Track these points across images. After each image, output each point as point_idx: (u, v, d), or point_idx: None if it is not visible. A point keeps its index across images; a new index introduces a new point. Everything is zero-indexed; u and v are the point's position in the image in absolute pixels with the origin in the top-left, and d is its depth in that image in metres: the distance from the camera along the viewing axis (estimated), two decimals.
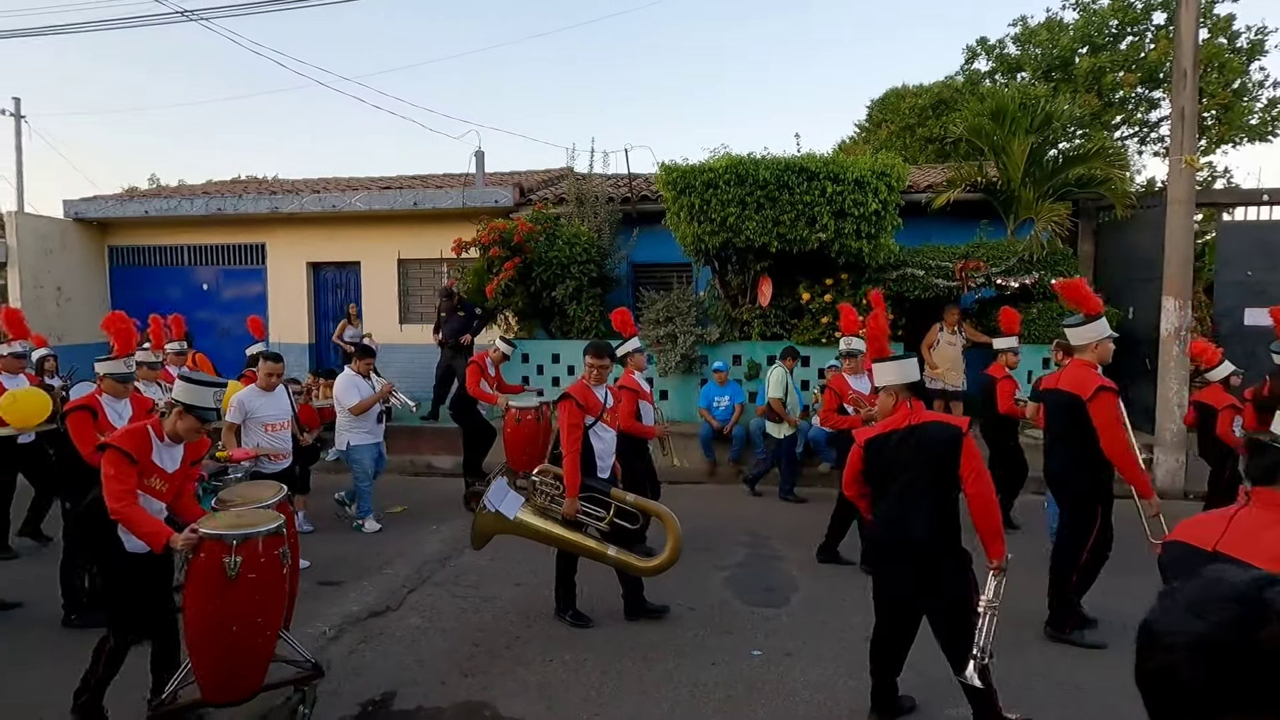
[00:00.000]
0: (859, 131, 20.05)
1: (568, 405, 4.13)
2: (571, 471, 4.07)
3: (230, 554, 2.86)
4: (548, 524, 4.12)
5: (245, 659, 3.00)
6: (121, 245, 12.17)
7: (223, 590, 2.86)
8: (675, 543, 4.03)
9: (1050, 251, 8.29)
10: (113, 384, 4.31)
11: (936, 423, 3.05)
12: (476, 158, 11.20)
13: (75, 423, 4.10)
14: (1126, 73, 15.63)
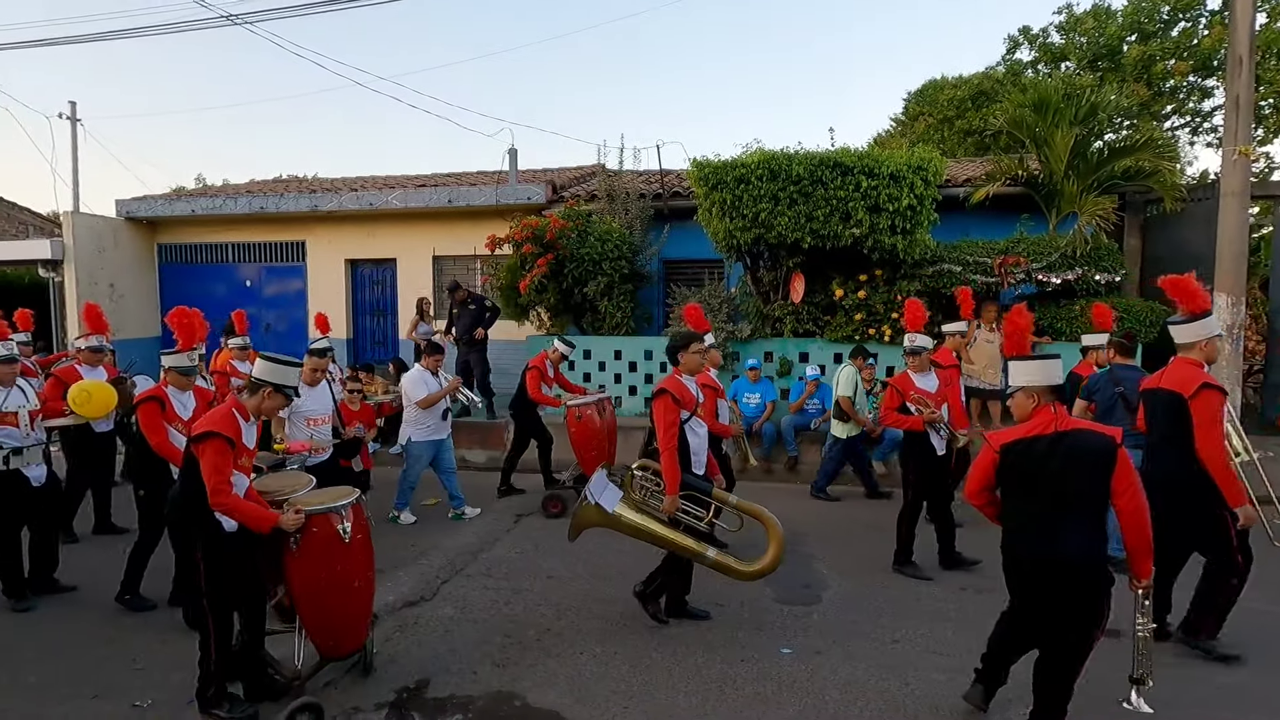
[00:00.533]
0: (895, 125, 19.72)
1: (664, 401, 3.95)
2: (671, 468, 3.92)
3: (342, 521, 3.30)
4: (645, 520, 4.02)
5: (358, 612, 3.44)
6: (170, 243, 12.59)
7: (342, 554, 3.29)
8: (778, 547, 3.92)
9: (1095, 246, 8.05)
10: (177, 376, 4.46)
11: (1088, 431, 2.87)
12: (510, 155, 11.32)
13: (145, 413, 4.27)
14: (1178, 61, 15.07)
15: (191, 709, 3.37)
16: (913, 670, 3.70)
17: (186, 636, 4.08)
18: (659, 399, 3.97)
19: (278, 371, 3.38)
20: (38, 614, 4.41)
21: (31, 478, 4.47)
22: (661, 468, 3.97)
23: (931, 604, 4.55)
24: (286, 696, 3.36)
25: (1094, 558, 2.82)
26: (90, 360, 5.73)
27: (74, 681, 3.64)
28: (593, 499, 4.02)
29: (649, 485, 4.11)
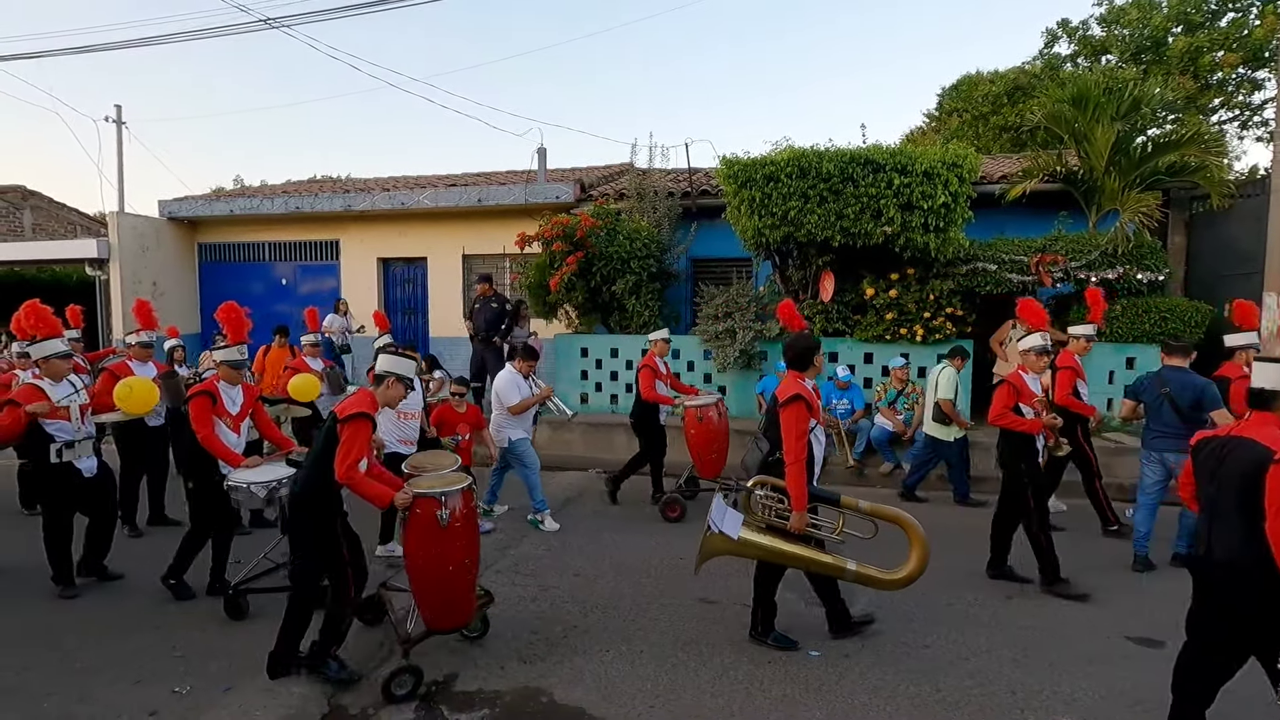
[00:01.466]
0: (928, 121, 19.40)
1: (798, 409, 3.67)
2: (800, 482, 3.66)
3: (441, 507, 3.42)
4: (775, 541, 3.76)
5: (458, 592, 3.57)
6: (210, 242, 12.93)
7: (439, 537, 3.43)
8: (922, 551, 3.71)
9: (1137, 244, 7.83)
10: (228, 370, 4.57)
11: (1249, 441, 2.73)
12: (539, 154, 11.40)
13: (196, 406, 4.39)
14: (1227, 52, 14.56)
15: (226, 696, 3.46)
16: (944, 676, 3.63)
17: (224, 626, 4.19)
18: (792, 406, 3.68)
19: (399, 364, 3.71)
20: (85, 600, 4.55)
21: (83, 469, 4.59)
22: (788, 481, 3.69)
23: (963, 609, 4.46)
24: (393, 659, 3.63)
25: (1239, 568, 2.67)
26: (141, 355, 5.95)
27: (117, 665, 3.75)
28: (715, 528, 3.74)
29: (770, 503, 3.81)
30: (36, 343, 4.69)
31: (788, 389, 3.76)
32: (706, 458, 6.20)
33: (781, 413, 3.72)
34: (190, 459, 4.50)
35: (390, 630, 4.14)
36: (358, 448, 3.38)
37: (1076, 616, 4.35)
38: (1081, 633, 4.13)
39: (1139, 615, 4.34)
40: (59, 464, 4.51)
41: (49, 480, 4.54)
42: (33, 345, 4.72)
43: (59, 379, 4.62)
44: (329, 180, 16.28)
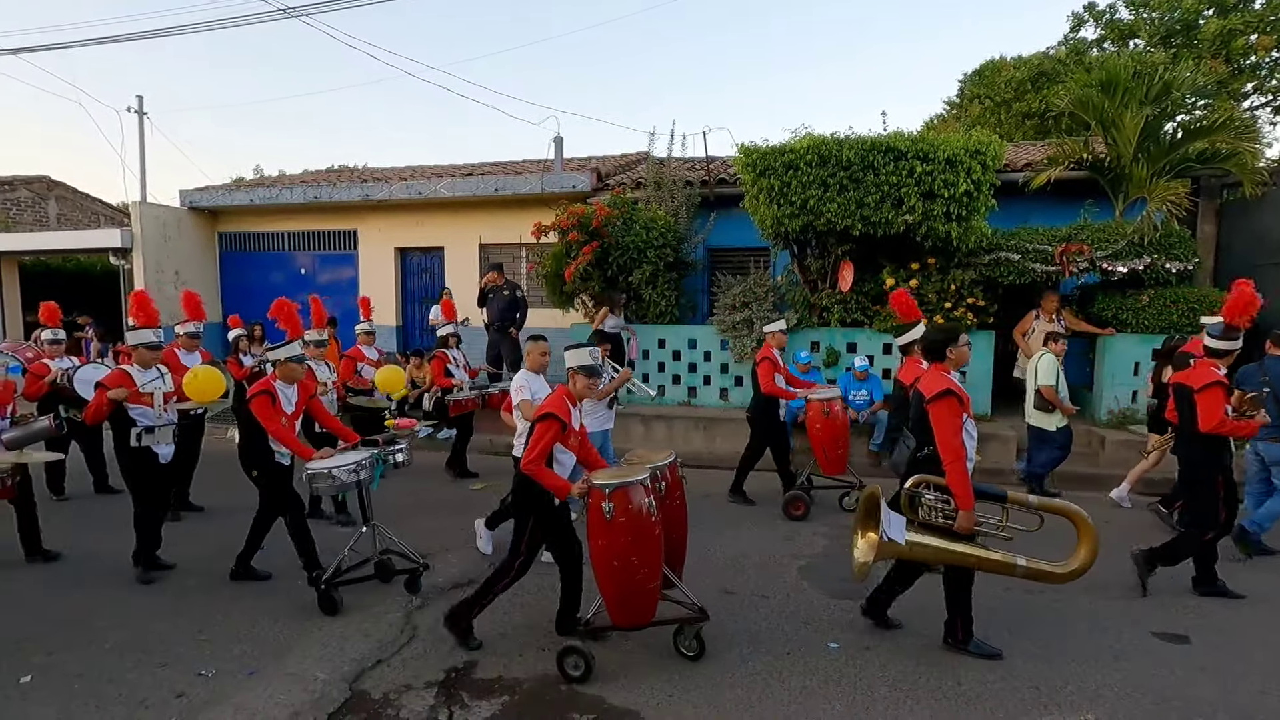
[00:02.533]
0: (949, 108, 19.09)
1: (949, 404, 3.53)
2: (964, 480, 3.49)
3: (606, 499, 3.36)
4: (944, 542, 3.57)
5: (630, 591, 3.45)
6: (230, 231, 13.05)
7: (605, 530, 3.38)
8: (1092, 542, 3.58)
9: (1165, 233, 7.66)
10: (289, 368, 4.56)
11: None
12: (555, 143, 11.35)
13: (259, 406, 4.39)
14: (1261, 35, 14.14)
15: (250, 680, 3.52)
16: (965, 670, 3.60)
17: (248, 611, 4.25)
18: (942, 402, 3.52)
19: (581, 355, 3.78)
20: (113, 585, 4.63)
21: (160, 455, 4.76)
22: (950, 480, 3.52)
23: (984, 603, 4.39)
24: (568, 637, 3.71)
25: None
26: (188, 345, 6.05)
27: (144, 648, 3.82)
28: (886, 536, 3.51)
29: (934, 503, 3.62)
30: (134, 330, 4.92)
31: (935, 383, 3.60)
32: (833, 454, 5.94)
33: (931, 409, 3.56)
34: (249, 449, 4.52)
35: (411, 613, 4.19)
36: (543, 443, 3.53)
37: (1101, 611, 4.29)
38: (1106, 628, 4.07)
39: (1164, 611, 4.27)
40: (137, 448, 4.66)
41: (129, 463, 4.69)
42: (129, 333, 4.96)
43: (147, 366, 4.80)
44: (347, 170, 16.33)
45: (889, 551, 3.57)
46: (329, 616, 4.18)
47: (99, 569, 4.88)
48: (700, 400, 8.78)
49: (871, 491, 3.63)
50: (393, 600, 4.40)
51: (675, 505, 3.87)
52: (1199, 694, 3.39)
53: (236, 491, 5.32)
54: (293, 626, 4.07)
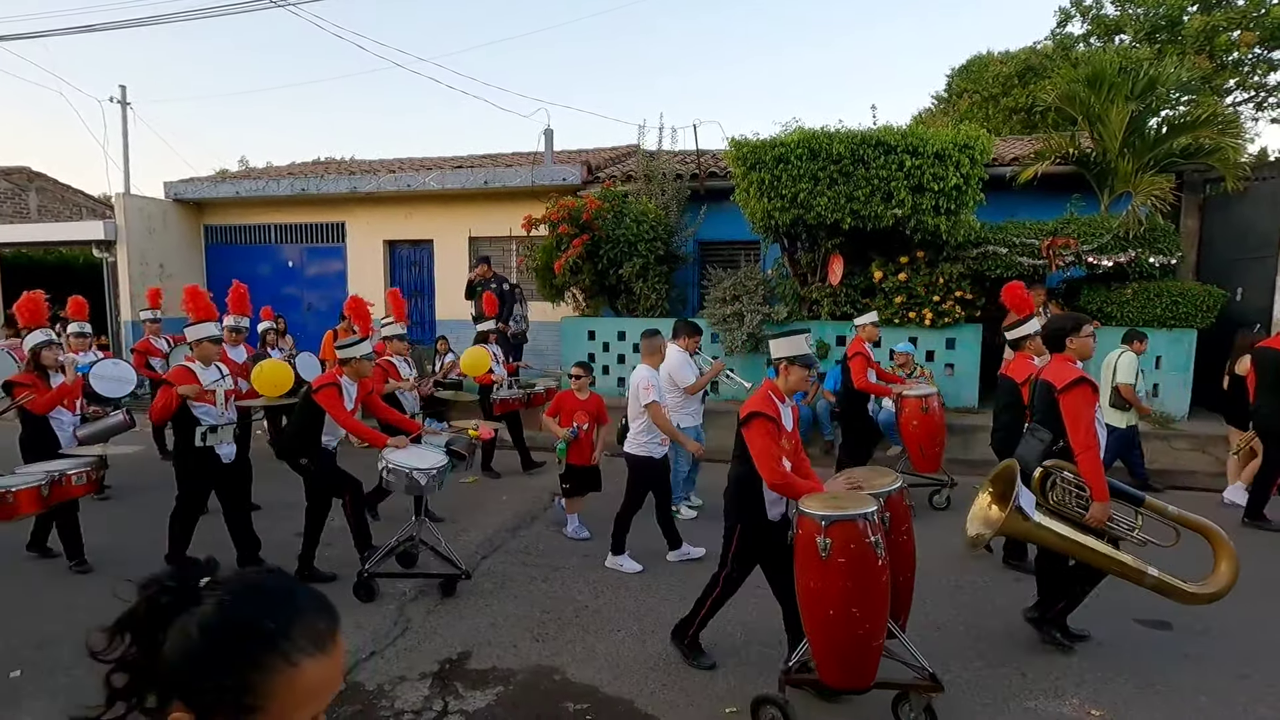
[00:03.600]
0: (936, 103, 19.17)
1: (1082, 392, 3.44)
2: (1099, 470, 3.41)
3: (821, 534, 2.79)
4: (1074, 532, 3.42)
5: (847, 647, 2.86)
6: (216, 224, 12.92)
7: (818, 570, 2.82)
8: (1231, 565, 3.42)
9: (1149, 227, 7.75)
10: (360, 364, 4.51)
11: None
12: (545, 136, 11.31)
13: (327, 397, 4.35)
14: (1244, 31, 14.31)
15: None
16: (954, 658, 3.65)
17: None
18: (1076, 390, 3.45)
19: (796, 343, 3.28)
20: (104, 578, 4.59)
21: (222, 455, 4.60)
22: (1083, 470, 3.43)
23: (974, 594, 4.48)
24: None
25: None
26: (232, 340, 6.01)
27: None
28: (1019, 504, 3.34)
29: (1069, 488, 3.51)
30: (194, 325, 4.73)
31: (1064, 373, 3.53)
32: (930, 451, 5.74)
33: (1063, 399, 3.48)
34: (301, 438, 4.48)
35: (404, 605, 4.19)
36: (770, 448, 3.09)
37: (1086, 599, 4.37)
38: (1091, 615, 4.14)
39: (1148, 598, 4.34)
40: (201, 448, 4.51)
41: (190, 463, 4.55)
42: (189, 328, 4.76)
43: (208, 363, 4.64)
44: (334, 162, 16.18)
45: (1013, 527, 3.40)
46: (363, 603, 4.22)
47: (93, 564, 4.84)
48: None
49: (1009, 465, 3.48)
50: (386, 593, 4.41)
51: (901, 541, 3.20)
52: (1180, 679, 3.47)
53: None
54: None
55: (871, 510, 2.87)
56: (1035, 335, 4.66)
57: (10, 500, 3.46)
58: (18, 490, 3.50)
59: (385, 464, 4.28)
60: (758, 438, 3.10)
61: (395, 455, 4.33)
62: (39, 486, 3.59)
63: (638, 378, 4.79)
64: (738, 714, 3.20)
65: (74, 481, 3.72)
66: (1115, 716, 3.16)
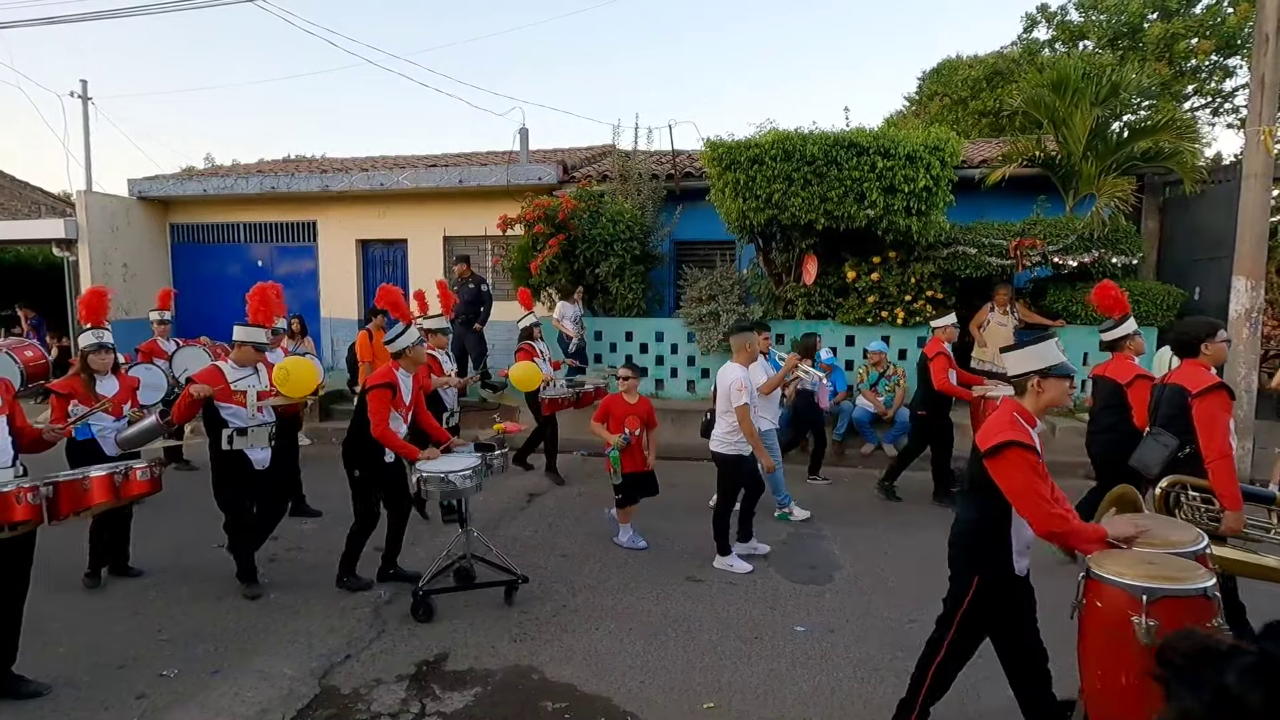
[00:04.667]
0: (908, 105, 19.47)
1: (1221, 398, 3.34)
2: (1232, 479, 3.28)
3: (1140, 613, 2.13)
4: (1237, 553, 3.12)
5: None
6: (182, 223, 12.63)
7: (1130, 658, 2.15)
8: None
9: (1112, 229, 7.97)
10: (417, 352, 4.37)
11: None
12: (521, 135, 11.26)
13: (376, 399, 4.16)
14: (1201, 39, 14.77)
15: (215, 679, 3.45)
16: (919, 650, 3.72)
17: (208, 611, 4.16)
18: (1213, 396, 3.35)
19: (1048, 351, 2.63)
20: (67, 587, 4.47)
21: (254, 459, 4.34)
22: (1215, 479, 3.31)
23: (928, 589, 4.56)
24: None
25: None
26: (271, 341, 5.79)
27: (101, 650, 3.72)
28: None
29: (1196, 503, 3.39)
30: (243, 325, 4.50)
31: (1200, 379, 3.44)
32: None
33: (1198, 405, 3.38)
34: (355, 446, 4.32)
35: (380, 607, 4.15)
36: (1036, 486, 2.49)
37: (1053, 589, 4.48)
38: (1059, 605, 4.25)
39: None
40: (229, 451, 4.26)
41: (220, 468, 4.30)
42: (239, 326, 4.52)
43: (244, 365, 4.40)
44: (305, 160, 15.92)
45: None
46: (298, 616, 4.12)
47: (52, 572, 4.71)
48: (668, 393, 8.84)
49: (1124, 490, 3.24)
50: (361, 595, 4.36)
51: None
52: None
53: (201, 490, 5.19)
54: (258, 624, 4.01)
55: (1212, 584, 2.22)
56: (1135, 335, 4.60)
57: (87, 487, 3.24)
58: (94, 477, 3.29)
59: (418, 474, 4.07)
60: (1018, 474, 2.47)
61: (430, 464, 4.13)
62: (113, 475, 3.35)
63: (731, 376, 4.66)
64: (715, 710, 3.23)
65: (138, 476, 3.45)
66: None
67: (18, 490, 3.04)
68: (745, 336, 4.74)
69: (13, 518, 3.02)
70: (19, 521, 3.06)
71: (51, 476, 3.22)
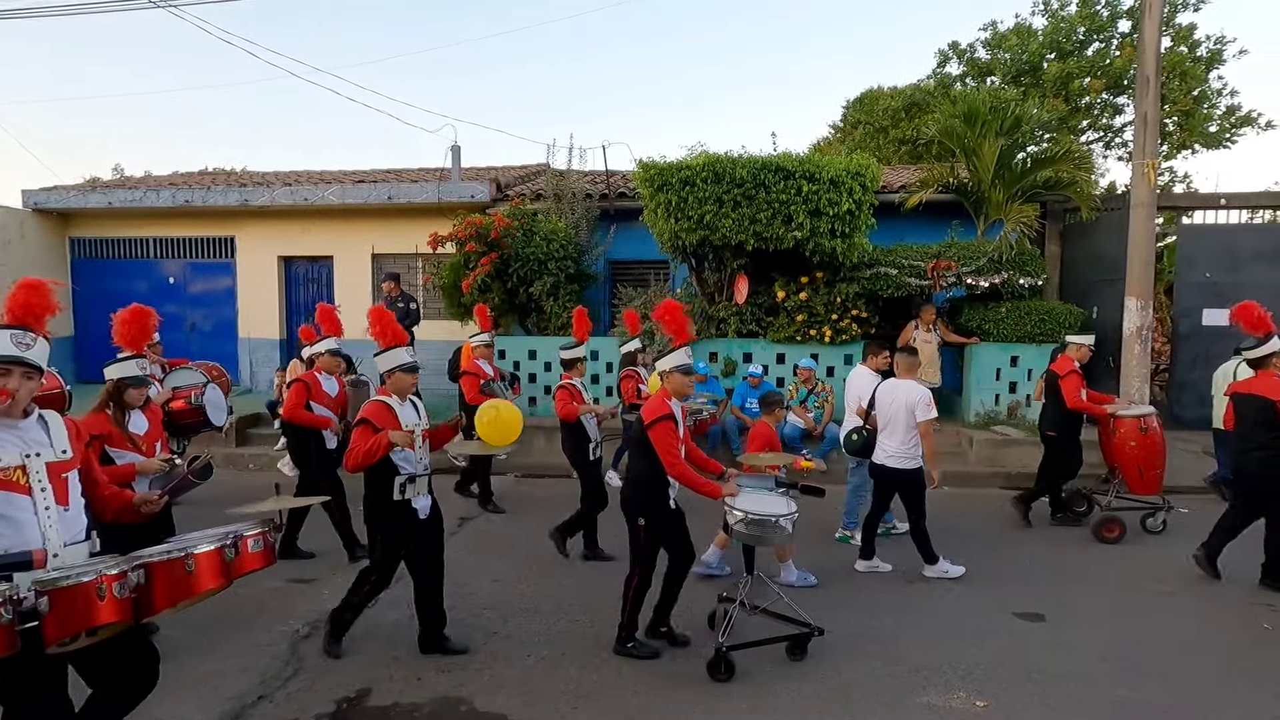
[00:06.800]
0: (833, 132, 20.28)
1: None
2: None
3: None
4: None
5: None
6: (84, 237, 11.85)
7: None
8: None
9: (1019, 252, 8.49)
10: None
11: None
12: (453, 152, 11.13)
13: (662, 434, 3.71)
14: (1093, 79, 16.03)
15: None
16: (851, 660, 3.80)
17: None
18: None
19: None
20: None
21: (419, 509, 3.77)
22: None
23: (869, 595, 4.70)
24: None
25: None
26: (329, 366, 5.34)
27: None
28: None
29: None
30: (384, 352, 3.83)
31: None
32: (1149, 473, 5.55)
33: None
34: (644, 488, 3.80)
35: (296, 643, 3.93)
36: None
37: (969, 596, 4.68)
38: (974, 611, 4.44)
39: (1023, 593, 4.71)
40: (401, 502, 3.69)
41: (389, 520, 3.71)
42: (381, 355, 3.84)
43: (404, 397, 3.80)
44: (223, 173, 15.23)
45: None
46: (207, 657, 3.84)
47: None
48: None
49: None
50: (275, 630, 4.13)
51: None
52: (1054, 666, 3.76)
53: None
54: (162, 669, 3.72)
55: None
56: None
57: (191, 569, 2.29)
58: (197, 554, 2.33)
59: (746, 514, 3.68)
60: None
61: (748, 504, 3.77)
62: (222, 548, 2.38)
63: (918, 393, 4.89)
64: None
65: (250, 548, 2.46)
66: (998, 706, 3.39)
67: (100, 580, 2.05)
68: (913, 358, 5.09)
69: (96, 621, 2.03)
70: (102, 625, 2.06)
71: (140, 556, 2.28)
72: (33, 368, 2.32)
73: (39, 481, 2.25)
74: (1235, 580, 4.83)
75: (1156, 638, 4.10)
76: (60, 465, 2.32)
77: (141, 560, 2.23)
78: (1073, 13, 16.55)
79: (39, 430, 2.35)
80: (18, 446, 2.25)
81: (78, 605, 1.99)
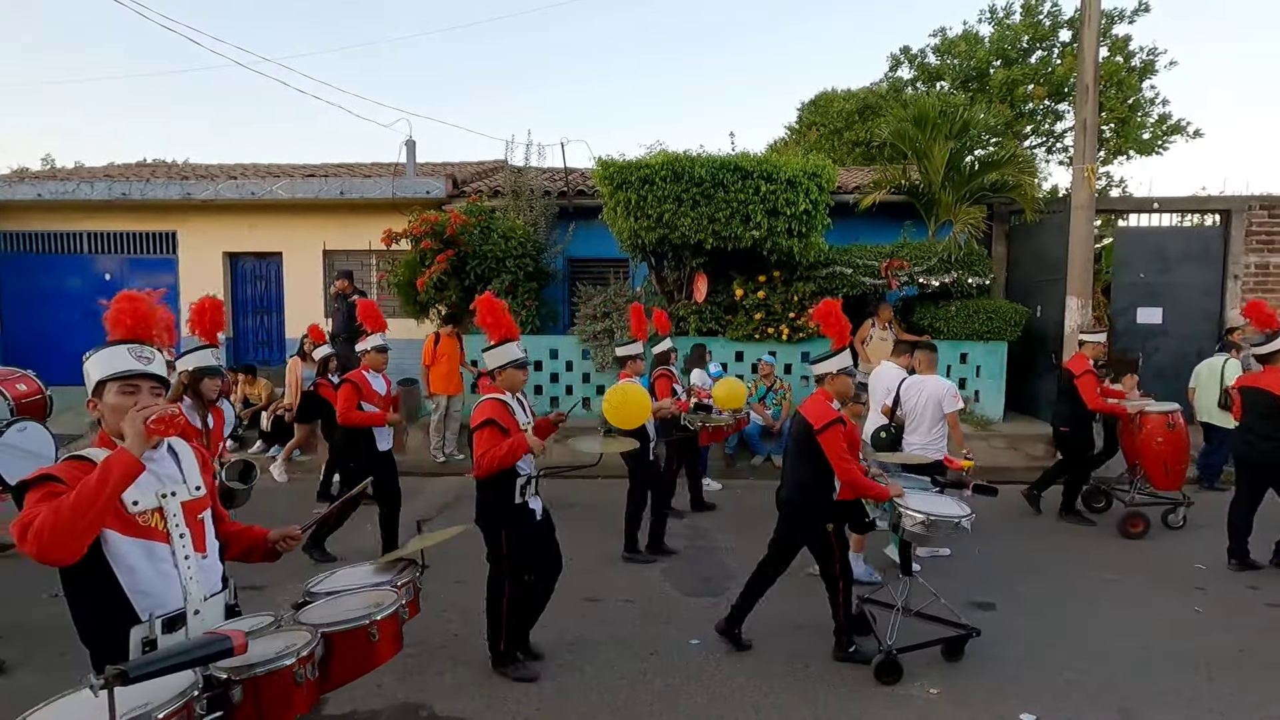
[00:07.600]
0: (790, 133, 20.57)
1: None
2: None
3: None
4: None
5: None
6: (11, 230, 11.21)
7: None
8: None
9: (967, 252, 8.75)
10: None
11: None
12: (408, 147, 10.91)
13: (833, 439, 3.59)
14: (1036, 85, 16.63)
15: None
16: (813, 656, 3.87)
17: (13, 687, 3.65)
18: None
19: None
20: None
21: (536, 510, 3.61)
22: None
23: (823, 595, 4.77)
24: None
25: None
26: (376, 363, 5.08)
27: None
28: None
29: None
30: (495, 347, 3.58)
31: None
32: (1174, 468, 5.59)
33: None
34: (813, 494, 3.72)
35: None
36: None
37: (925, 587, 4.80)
38: (929, 602, 4.55)
39: (977, 583, 4.86)
40: (521, 506, 3.53)
41: (510, 525, 3.52)
42: (491, 350, 3.60)
43: (515, 393, 3.60)
44: (163, 165, 14.60)
45: None
46: None
47: None
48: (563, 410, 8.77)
49: None
50: None
51: None
52: (1004, 652, 3.90)
53: None
54: None
55: None
56: None
57: (374, 637, 2.02)
58: (380, 620, 2.04)
59: (927, 516, 3.60)
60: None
61: (925, 505, 3.70)
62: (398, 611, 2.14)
63: (944, 386, 5.08)
64: None
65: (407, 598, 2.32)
66: (952, 692, 3.49)
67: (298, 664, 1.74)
68: (932, 354, 5.25)
69: (294, 713, 1.77)
70: None
71: (323, 624, 1.96)
72: (160, 381, 1.96)
73: (176, 526, 1.88)
74: (1178, 566, 5.09)
75: (1102, 623, 4.28)
76: (195, 504, 1.97)
77: (325, 626, 1.92)
78: (1017, 21, 17.15)
79: (170, 463, 1.96)
80: (153, 485, 1.85)
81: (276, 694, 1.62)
